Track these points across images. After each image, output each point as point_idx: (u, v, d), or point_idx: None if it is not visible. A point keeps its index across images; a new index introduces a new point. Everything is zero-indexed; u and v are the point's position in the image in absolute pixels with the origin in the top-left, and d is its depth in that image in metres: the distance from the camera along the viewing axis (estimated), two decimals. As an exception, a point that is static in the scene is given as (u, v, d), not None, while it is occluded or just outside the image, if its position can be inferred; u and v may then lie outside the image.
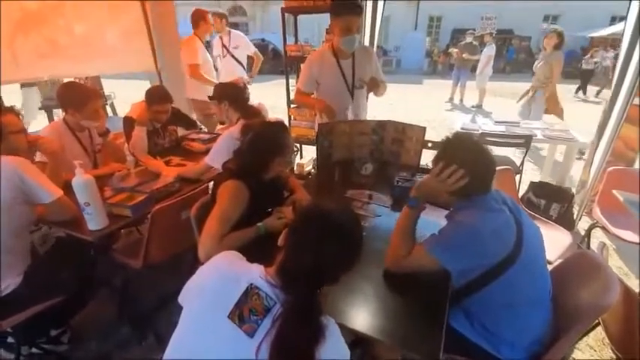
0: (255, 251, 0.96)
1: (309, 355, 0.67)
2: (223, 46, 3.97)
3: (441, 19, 18.86)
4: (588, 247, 2.42)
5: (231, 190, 1.33)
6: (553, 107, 4.43)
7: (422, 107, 8.00)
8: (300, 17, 3.70)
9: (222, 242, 1.23)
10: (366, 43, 3.94)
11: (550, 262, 1.62)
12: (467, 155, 1.14)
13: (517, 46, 16.80)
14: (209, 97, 2.25)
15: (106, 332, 1.87)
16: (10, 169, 1.28)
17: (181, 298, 0.86)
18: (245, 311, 0.71)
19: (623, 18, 2.63)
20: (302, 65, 2.46)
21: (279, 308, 0.72)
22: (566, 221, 2.73)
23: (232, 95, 2.13)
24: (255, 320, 0.70)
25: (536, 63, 4.56)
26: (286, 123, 3.47)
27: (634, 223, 1.99)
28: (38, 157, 1.78)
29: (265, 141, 1.41)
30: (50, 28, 2.81)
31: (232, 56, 3.98)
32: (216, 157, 1.88)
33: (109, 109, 5.83)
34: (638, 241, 2.04)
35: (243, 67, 4.06)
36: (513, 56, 16.58)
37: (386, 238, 1.29)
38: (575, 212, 2.88)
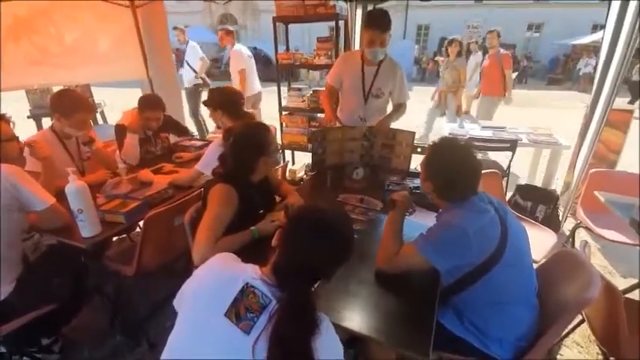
0: (249, 254, 0.98)
1: (305, 348, 0.69)
2: None
3: (428, 27, 19.26)
4: (573, 246, 2.49)
5: (220, 195, 1.35)
6: (463, 108, 5.12)
7: (411, 113, 8.09)
8: (291, 26, 3.76)
9: (217, 246, 1.24)
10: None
11: (536, 262, 1.67)
12: (453, 159, 1.19)
13: (502, 54, 17.21)
14: (203, 102, 2.27)
15: (98, 340, 1.85)
16: (3, 176, 1.28)
17: (177, 302, 0.87)
18: (241, 309, 0.73)
19: (604, 26, 2.74)
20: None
21: (275, 305, 0.74)
22: (552, 222, 2.80)
23: (227, 102, 2.15)
24: (252, 318, 0.72)
25: (441, 70, 5.23)
26: (278, 129, 3.49)
27: (616, 222, 2.06)
28: (28, 166, 1.76)
29: (247, 142, 1.43)
30: (41, 36, 2.81)
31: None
32: (207, 164, 1.88)
33: (99, 117, 5.79)
34: (621, 240, 2.12)
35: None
36: (499, 63, 16.97)
37: (377, 240, 1.33)
38: (561, 214, 2.97)
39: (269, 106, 4.54)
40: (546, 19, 17.42)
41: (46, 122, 4.89)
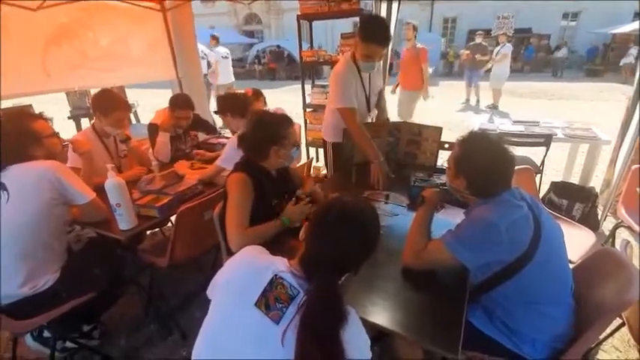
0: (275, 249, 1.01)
1: (334, 337, 0.71)
2: None
3: (455, 20, 18.64)
4: (613, 246, 2.36)
5: (236, 182, 1.42)
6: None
7: (438, 108, 7.92)
8: (314, 23, 3.77)
9: (248, 233, 1.31)
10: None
11: (572, 262, 1.59)
12: (483, 153, 1.15)
13: (536, 45, 16.39)
14: (214, 111, 2.37)
15: (134, 328, 1.95)
16: (50, 172, 1.38)
17: (209, 292, 0.91)
18: (271, 299, 0.75)
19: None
20: (331, 81, 2.25)
21: (303, 296, 0.76)
22: (591, 221, 2.66)
23: (232, 106, 2.24)
24: (281, 308, 0.74)
25: None
26: (302, 127, 3.50)
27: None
28: (69, 162, 1.88)
29: (263, 126, 1.47)
30: (80, 41, 2.98)
31: None
32: (227, 159, 1.94)
33: (132, 116, 6.05)
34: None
35: None
36: (532, 55, 16.19)
37: (403, 236, 1.31)
38: (600, 212, 2.81)
39: (293, 105, 4.59)
40: (583, 7, 16.39)
41: (85, 122, 5.18)
